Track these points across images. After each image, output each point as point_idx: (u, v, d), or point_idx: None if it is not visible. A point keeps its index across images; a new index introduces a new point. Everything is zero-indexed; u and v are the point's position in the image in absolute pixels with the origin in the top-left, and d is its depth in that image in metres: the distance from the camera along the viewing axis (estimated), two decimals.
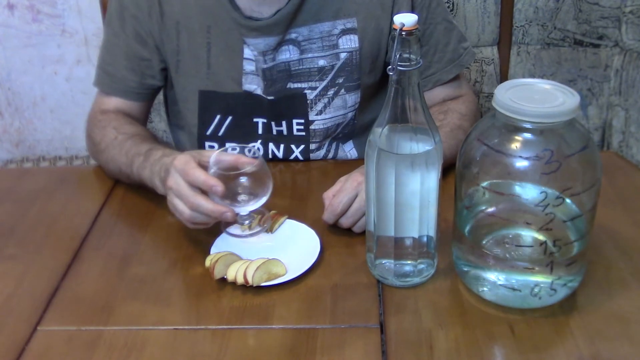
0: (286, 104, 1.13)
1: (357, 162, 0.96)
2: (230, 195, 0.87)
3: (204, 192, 0.87)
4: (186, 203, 0.87)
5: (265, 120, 1.15)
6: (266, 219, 0.95)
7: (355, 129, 1.19)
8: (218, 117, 1.15)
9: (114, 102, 1.16)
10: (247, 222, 0.92)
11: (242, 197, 0.89)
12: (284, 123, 1.15)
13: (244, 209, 0.90)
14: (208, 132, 1.17)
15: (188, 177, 0.87)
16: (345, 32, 1.10)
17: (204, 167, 0.88)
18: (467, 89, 1.18)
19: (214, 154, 0.88)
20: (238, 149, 0.92)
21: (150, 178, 0.98)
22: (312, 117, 1.14)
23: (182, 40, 1.11)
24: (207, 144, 1.18)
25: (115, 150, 1.07)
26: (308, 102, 1.13)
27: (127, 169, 1.04)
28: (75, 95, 1.86)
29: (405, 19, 0.73)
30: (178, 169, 0.88)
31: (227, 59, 1.11)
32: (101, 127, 1.12)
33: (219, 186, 0.84)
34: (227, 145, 1.09)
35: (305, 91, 1.13)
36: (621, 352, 0.75)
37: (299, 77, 1.12)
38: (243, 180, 0.88)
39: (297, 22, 1.09)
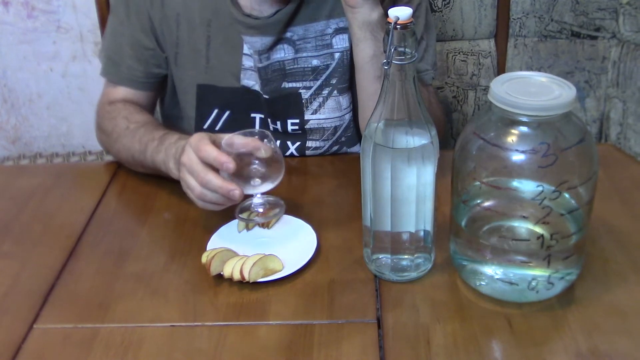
0: (282, 103, 1.13)
1: (352, 157, 0.96)
2: (242, 178, 0.87)
3: (217, 171, 0.87)
4: (196, 178, 0.88)
5: (262, 116, 1.15)
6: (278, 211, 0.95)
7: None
8: (216, 111, 1.15)
9: (122, 92, 1.15)
10: (260, 208, 0.92)
11: (254, 182, 0.88)
12: (278, 123, 1.14)
13: (255, 191, 0.90)
14: (205, 126, 1.16)
15: (200, 153, 0.87)
16: (338, 31, 1.09)
17: (218, 147, 0.87)
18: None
19: (227, 136, 0.88)
20: (255, 135, 0.90)
21: (164, 161, 0.97)
22: (307, 116, 1.14)
23: (181, 32, 1.10)
24: None
25: (127, 139, 1.07)
26: (303, 101, 1.13)
27: (141, 156, 1.03)
28: (72, 92, 1.86)
29: (400, 13, 0.73)
30: (192, 145, 0.88)
31: (226, 53, 1.10)
32: (111, 118, 1.12)
33: (230, 163, 0.85)
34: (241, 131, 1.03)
35: (300, 90, 1.12)
36: (619, 345, 0.75)
37: (294, 77, 1.11)
38: (255, 164, 0.88)
39: (294, 22, 1.08)
